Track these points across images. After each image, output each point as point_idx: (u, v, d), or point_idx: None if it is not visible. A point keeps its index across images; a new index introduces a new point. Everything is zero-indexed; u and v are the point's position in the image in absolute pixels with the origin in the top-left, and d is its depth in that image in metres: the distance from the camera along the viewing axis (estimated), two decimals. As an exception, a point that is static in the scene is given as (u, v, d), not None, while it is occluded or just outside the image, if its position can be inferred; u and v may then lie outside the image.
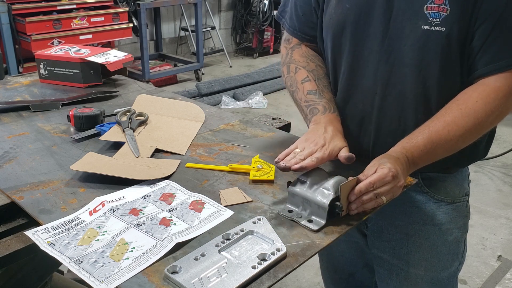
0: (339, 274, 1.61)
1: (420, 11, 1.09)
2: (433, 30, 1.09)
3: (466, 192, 1.33)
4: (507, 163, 4.01)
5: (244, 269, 0.85)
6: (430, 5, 1.08)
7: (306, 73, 1.29)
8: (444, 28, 1.08)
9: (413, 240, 1.31)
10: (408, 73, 1.15)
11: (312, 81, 1.27)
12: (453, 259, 1.35)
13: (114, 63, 1.78)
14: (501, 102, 1.09)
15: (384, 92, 1.19)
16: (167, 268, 0.84)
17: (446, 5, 1.07)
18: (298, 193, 1.03)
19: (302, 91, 1.27)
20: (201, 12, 5.92)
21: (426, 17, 1.09)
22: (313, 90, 1.25)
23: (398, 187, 1.03)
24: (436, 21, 1.08)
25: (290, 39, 1.37)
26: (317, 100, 1.23)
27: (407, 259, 1.32)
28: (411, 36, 1.11)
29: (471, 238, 2.91)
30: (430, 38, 1.10)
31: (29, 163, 1.23)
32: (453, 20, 1.08)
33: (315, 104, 1.23)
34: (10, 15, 4.43)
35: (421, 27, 1.10)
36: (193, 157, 1.28)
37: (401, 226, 1.31)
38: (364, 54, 1.19)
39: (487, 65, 1.10)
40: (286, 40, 1.39)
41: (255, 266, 0.85)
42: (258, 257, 0.87)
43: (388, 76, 1.17)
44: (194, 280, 0.82)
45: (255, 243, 0.91)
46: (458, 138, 1.09)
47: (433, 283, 1.36)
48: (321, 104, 1.22)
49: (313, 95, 1.24)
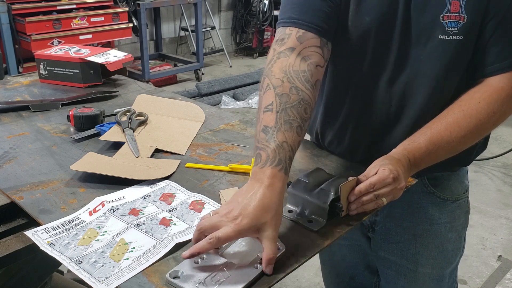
0: (340, 278, 1.61)
1: (436, 21, 1.07)
2: (451, 40, 1.07)
3: (467, 188, 1.34)
4: (507, 163, 4.01)
5: (246, 270, 0.84)
6: (446, 14, 1.06)
7: (272, 98, 0.99)
8: (462, 36, 1.06)
9: (421, 240, 1.31)
10: (425, 84, 1.13)
11: (273, 113, 0.97)
12: (456, 254, 1.37)
13: (114, 63, 1.78)
14: (503, 102, 1.08)
15: (400, 104, 1.17)
16: (169, 273, 0.83)
17: (463, 13, 1.05)
18: (298, 193, 1.02)
19: (259, 124, 0.98)
20: (201, 12, 5.93)
21: (443, 26, 1.07)
22: (268, 127, 0.96)
23: (398, 189, 1.02)
24: (454, 30, 1.06)
25: (284, 38, 1.08)
26: (265, 143, 0.94)
27: (415, 259, 1.33)
28: (428, 46, 1.09)
29: (471, 238, 2.91)
30: (449, 47, 1.08)
31: (29, 163, 1.23)
32: (470, 27, 1.06)
33: (261, 149, 0.94)
34: (10, 15, 4.43)
35: (438, 37, 1.08)
36: (193, 157, 1.28)
37: (409, 227, 1.31)
38: (380, 64, 1.16)
39: (491, 65, 1.09)
40: (279, 41, 1.09)
41: (257, 266, 0.85)
42: (258, 256, 0.87)
43: (404, 87, 1.15)
44: (197, 284, 0.81)
45: (254, 242, 0.91)
46: (460, 139, 1.08)
47: (439, 279, 1.37)
48: (265, 151, 0.93)
49: (265, 134, 0.95)
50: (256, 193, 0.87)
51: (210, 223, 0.86)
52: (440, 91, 1.13)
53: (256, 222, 0.85)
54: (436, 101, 1.14)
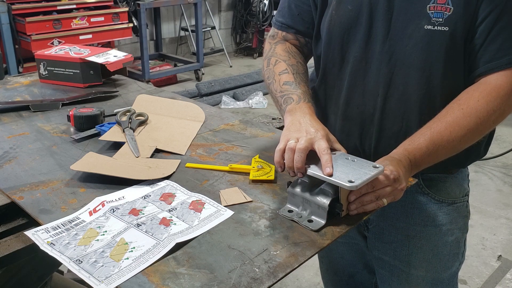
0: (339, 276, 1.61)
1: (422, 11, 1.09)
2: (436, 30, 1.09)
3: (466, 192, 1.32)
4: (507, 163, 4.01)
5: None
6: (433, 5, 1.08)
7: (285, 66, 1.27)
8: (448, 27, 1.08)
9: (414, 242, 1.30)
10: (411, 74, 1.14)
11: (290, 74, 1.25)
12: (454, 259, 1.35)
13: (114, 63, 1.78)
14: (503, 100, 1.09)
15: (387, 93, 1.18)
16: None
17: (449, 4, 1.07)
18: (298, 193, 1.03)
19: (278, 82, 1.24)
20: (201, 12, 5.93)
21: (429, 17, 1.08)
22: (290, 82, 1.23)
23: (399, 190, 1.02)
24: (439, 20, 1.08)
25: (275, 35, 1.36)
26: (292, 90, 1.20)
27: (408, 260, 1.32)
28: (414, 36, 1.11)
29: (471, 238, 2.91)
30: (434, 38, 1.09)
31: (29, 163, 1.23)
32: (456, 19, 1.07)
33: (290, 94, 1.20)
34: (10, 15, 4.43)
35: (424, 27, 1.09)
36: (193, 157, 1.28)
37: (402, 228, 1.30)
38: (366, 55, 1.18)
39: (488, 63, 1.10)
40: (271, 36, 1.38)
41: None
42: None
43: (391, 77, 1.16)
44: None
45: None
46: (460, 139, 1.08)
47: (434, 284, 1.35)
48: (296, 94, 1.19)
49: (289, 85, 1.22)
50: (306, 119, 1.09)
51: (298, 141, 1.02)
52: (427, 81, 1.14)
53: (327, 131, 1.07)
54: (424, 91, 1.15)
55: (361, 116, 1.23)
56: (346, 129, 1.26)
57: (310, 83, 1.32)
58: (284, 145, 1.03)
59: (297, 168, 1.00)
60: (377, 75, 1.18)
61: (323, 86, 1.30)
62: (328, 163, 0.97)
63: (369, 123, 1.23)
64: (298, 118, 1.10)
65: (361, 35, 1.17)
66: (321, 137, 1.03)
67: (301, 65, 1.30)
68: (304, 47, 1.36)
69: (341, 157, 1.03)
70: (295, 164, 1.00)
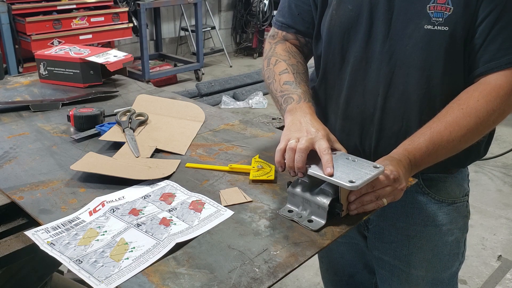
0: (339, 276, 1.61)
1: (422, 11, 1.09)
2: (436, 30, 1.09)
3: (466, 192, 1.32)
4: (507, 163, 4.01)
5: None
6: (433, 5, 1.08)
7: (286, 65, 1.27)
8: (448, 27, 1.08)
9: (414, 242, 1.30)
10: (411, 74, 1.14)
11: (290, 74, 1.25)
12: (454, 259, 1.35)
13: (114, 63, 1.78)
14: (502, 100, 1.09)
15: (387, 93, 1.18)
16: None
17: (449, 4, 1.07)
18: (298, 193, 1.03)
19: (278, 82, 1.25)
20: (201, 12, 5.93)
21: (429, 16, 1.09)
22: (290, 81, 1.23)
23: (399, 190, 1.02)
24: (439, 20, 1.08)
25: (275, 35, 1.37)
26: (292, 90, 1.21)
27: (408, 260, 1.32)
28: (414, 36, 1.11)
29: (471, 238, 2.91)
30: (434, 38, 1.09)
31: (29, 163, 1.23)
32: (456, 19, 1.07)
33: (290, 94, 1.20)
34: (10, 15, 4.43)
35: (424, 27, 1.09)
36: (193, 157, 1.28)
37: (402, 228, 1.30)
38: (366, 55, 1.18)
39: (488, 63, 1.10)
40: (271, 36, 1.39)
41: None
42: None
43: (391, 77, 1.16)
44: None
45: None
46: (460, 139, 1.08)
47: (434, 284, 1.36)
48: (296, 94, 1.19)
49: (289, 85, 1.22)
50: (307, 119, 1.10)
51: (299, 141, 1.02)
52: (427, 80, 1.14)
53: (327, 131, 1.07)
54: (424, 91, 1.15)
55: (361, 115, 1.23)
56: (346, 128, 1.26)
57: (310, 83, 1.32)
58: (285, 145, 1.03)
59: (298, 168, 1.00)
60: (377, 75, 1.18)
61: (323, 85, 1.30)
62: (329, 163, 0.97)
63: (369, 122, 1.23)
64: (298, 118, 1.11)
65: (361, 35, 1.17)
66: (321, 137, 1.03)
67: (301, 65, 1.30)
68: (304, 47, 1.36)
69: (341, 157, 1.03)
70: (296, 164, 1.00)
